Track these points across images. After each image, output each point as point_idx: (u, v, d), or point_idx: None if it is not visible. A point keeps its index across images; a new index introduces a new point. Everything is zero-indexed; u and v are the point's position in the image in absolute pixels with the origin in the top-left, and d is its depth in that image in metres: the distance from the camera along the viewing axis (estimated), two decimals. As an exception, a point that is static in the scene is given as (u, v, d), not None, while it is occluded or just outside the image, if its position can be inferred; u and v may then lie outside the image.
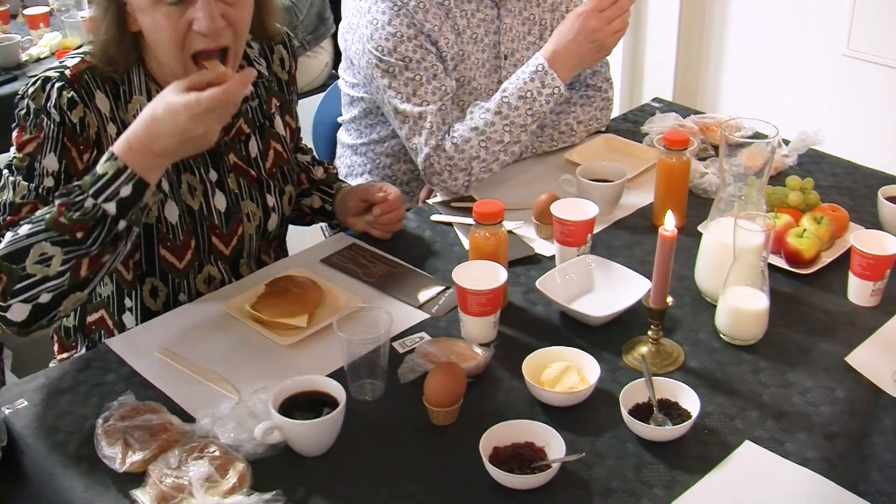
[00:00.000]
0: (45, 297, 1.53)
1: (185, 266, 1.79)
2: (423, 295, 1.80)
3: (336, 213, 2.06)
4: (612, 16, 2.08)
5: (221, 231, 1.82)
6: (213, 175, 1.81)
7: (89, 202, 1.50)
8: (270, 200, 1.90)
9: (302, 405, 1.43)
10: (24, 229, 1.52)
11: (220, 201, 1.82)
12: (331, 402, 1.43)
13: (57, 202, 1.51)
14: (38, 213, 1.54)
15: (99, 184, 1.50)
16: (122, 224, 1.53)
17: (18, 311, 1.53)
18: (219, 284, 1.86)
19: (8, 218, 1.60)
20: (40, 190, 1.61)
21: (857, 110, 3.42)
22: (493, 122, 2.10)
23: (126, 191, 1.50)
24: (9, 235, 1.53)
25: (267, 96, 1.90)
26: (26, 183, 1.61)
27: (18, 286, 1.51)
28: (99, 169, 1.51)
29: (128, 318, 1.82)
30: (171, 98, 1.49)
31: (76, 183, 1.53)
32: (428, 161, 2.12)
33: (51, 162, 1.62)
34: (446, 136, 2.11)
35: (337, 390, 1.44)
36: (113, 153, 1.51)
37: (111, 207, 1.51)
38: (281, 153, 1.93)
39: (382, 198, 1.95)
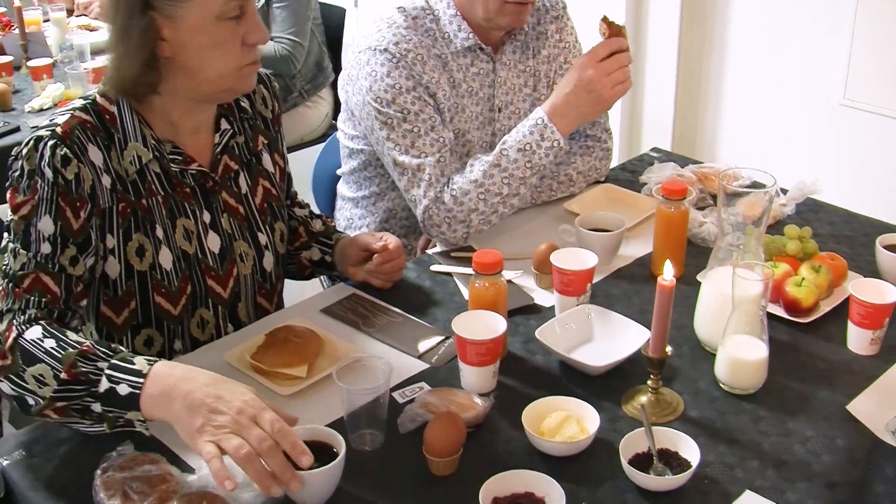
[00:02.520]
0: (30, 399, 1.51)
1: (180, 312, 1.80)
2: (423, 345, 1.80)
3: (336, 264, 2.07)
4: (610, 68, 2.08)
5: (218, 273, 1.83)
6: (207, 216, 1.82)
7: (102, 364, 1.48)
8: (262, 238, 1.91)
9: (301, 455, 1.43)
10: (50, 343, 1.50)
11: (213, 242, 1.82)
12: (330, 452, 1.42)
13: (87, 344, 1.50)
14: (73, 336, 1.52)
15: (122, 364, 1.48)
16: (96, 406, 1.48)
17: (7, 389, 1.52)
18: (212, 328, 1.86)
19: (14, 290, 1.58)
20: (38, 258, 1.60)
21: (854, 159, 3.44)
22: (491, 174, 2.10)
23: (123, 390, 1.46)
24: (37, 331, 1.52)
25: (253, 133, 1.92)
26: (24, 251, 1.60)
27: (13, 376, 1.50)
28: (138, 358, 1.49)
29: None
30: (253, 409, 1.39)
31: (119, 347, 1.52)
32: (427, 213, 2.13)
33: (46, 225, 1.61)
34: (445, 187, 2.12)
35: (336, 440, 1.44)
36: (154, 363, 1.48)
37: (104, 384, 1.47)
38: (269, 189, 1.94)
39: (383, 247, 1.95)
